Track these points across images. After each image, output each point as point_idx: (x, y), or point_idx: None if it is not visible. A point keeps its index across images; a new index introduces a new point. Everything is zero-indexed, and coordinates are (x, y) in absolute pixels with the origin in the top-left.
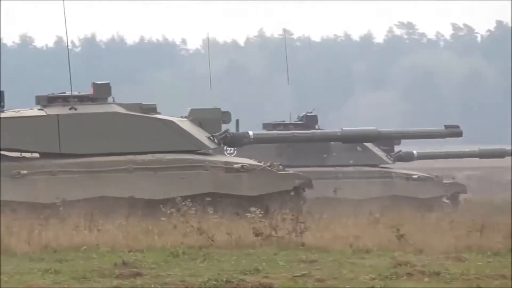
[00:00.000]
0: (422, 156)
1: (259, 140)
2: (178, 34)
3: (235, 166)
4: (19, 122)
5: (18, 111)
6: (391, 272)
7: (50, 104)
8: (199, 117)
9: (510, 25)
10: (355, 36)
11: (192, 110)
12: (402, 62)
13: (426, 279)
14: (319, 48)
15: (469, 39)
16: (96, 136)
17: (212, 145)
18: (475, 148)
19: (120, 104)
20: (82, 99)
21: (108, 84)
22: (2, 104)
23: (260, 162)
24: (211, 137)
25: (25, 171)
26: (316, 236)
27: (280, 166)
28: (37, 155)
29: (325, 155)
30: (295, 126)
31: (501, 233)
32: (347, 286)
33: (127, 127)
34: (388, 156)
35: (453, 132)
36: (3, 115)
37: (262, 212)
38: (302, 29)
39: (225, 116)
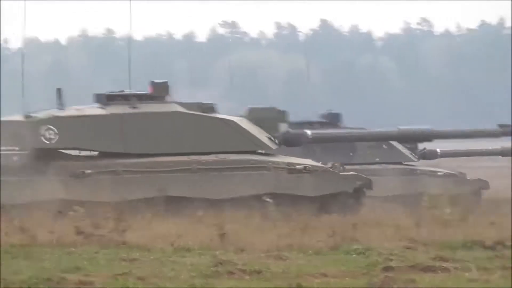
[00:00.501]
0: (445, 154)
1: (317, 139)
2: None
3: (297, 167)
4: (81, 121)
5: (78, 110)
6: (212, 270)
7: (109, 102)
8: (257, 116)
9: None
10: (178, 36)
11: (250, 109)
12: (224, 60)
13: (247, 277)
14: (142, 47)
15: (292, 37)
16: (159, 136)
17: (273, 145)
18: (497, 145)
19: (180, 103)
20: (141, 97)
21: (166, 83)
22: (61, 102)
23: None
24: (271, 137)
25: (89, 171)
26: (137, 235)
27: (341, 167)
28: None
29: (351, 153)
30: (321, 124)
31: (325, 232)
32: (168, 285)
33: (189, 127)
34: (413, 154)
35: (506, 131)
36: (63, 113)
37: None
38: (125, 28)
39: (281, 115)
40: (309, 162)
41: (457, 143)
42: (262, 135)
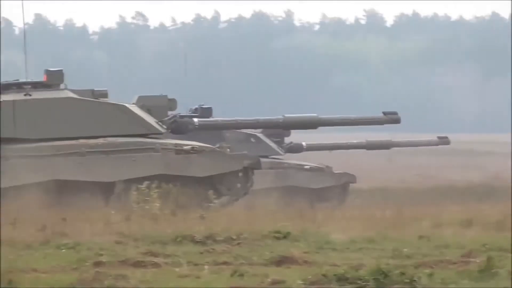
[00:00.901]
0: (311, 148)
1: (204, 127)
2: None
3: (185, 147)
4: None
5: None
6: None
7: (4, 91)
8: (147, 104)
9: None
10: None
11: (140, 97)
12: None
13: None
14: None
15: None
16: (51, 121)
17: (162, 130)
18: (362, 139)
19: (72, 90)
20: (36, 85)
21: (61, 71)
22: None
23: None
24: (159, 123)
25: None
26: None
27: (228, 149)
28: None
29: (224, 143)
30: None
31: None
32: None
33: (81, 112)
34: (280, 148)
35: (392, 118)
36: None
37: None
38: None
39: (171, 103)
40: (196, 143)
41: (324, 137)
42: (151, 120)
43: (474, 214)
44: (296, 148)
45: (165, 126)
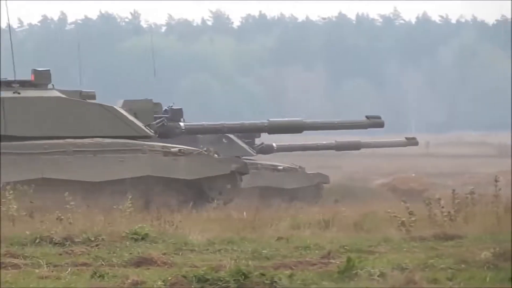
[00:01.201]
0: (281, 149)
1: (190, 131)
2: None
3: (172, 149)
4: None
5: None
6: None
7: None
8: (133, 108)
9: None
10: None
11: (125, 101)
12: None
13: None
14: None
15: None
16: (39, 120)
17: (150, 133)
18: (332, 140)
19: (60, 91)
20: (24, 84)
21: (48, 71)
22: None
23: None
24: (147, 127)
25: None
26: None
27: (214, 152)
28: None
29: (201, 145)
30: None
31: None
32: None
33: (69, 112)
34: (251, 148)
35: (376, 122)
36: None
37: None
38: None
39: (157, 107)
40: (182, 146)
41: (292, 139)
42: (140, 123)
43: (332, 215)
44: (267, 149)
45: (152, 130)
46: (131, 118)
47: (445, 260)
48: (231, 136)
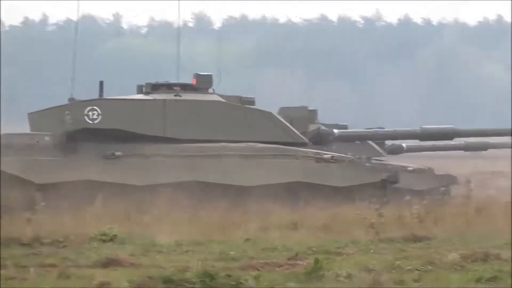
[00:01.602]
0: (411, 149)
1: (343, 138)
2: None
3: (324, 156)
4: (125, 104)
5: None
6: None
7: (154, 91)
8: (288, 115)
9: None
10: None
11: (281, 108)
12: None
13: None
14: None
15: None
16: (200, 123)
17: (306, 140)
18: (461, 141)
19: (220, 95)
20: (185, 87)
21: (210, 75)
22: (102, 94)
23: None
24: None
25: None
26: None
27: (367, 159)
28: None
29: (334, 146)
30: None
31: None
32: None
33: (229, 116)
34: (382, 149)
35: None
36: (108, 97)
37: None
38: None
39: (312, 115)
40: (335, 153)
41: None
42: (295, 129)
43: (301, 217)
44: (396, 150)
45: (308, 137)
46: (288, 124)
47: (412, 262)
48: None
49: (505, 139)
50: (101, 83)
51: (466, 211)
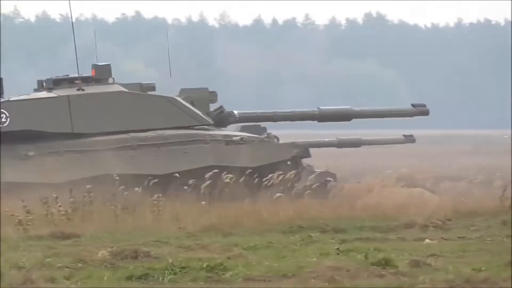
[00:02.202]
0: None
1: (243, 119)
2: None
3: (234, 138)
4: (31, 104)
5: (28, 95)
6: None
7: (56, 86)
8: (190, 96)
9: None
10: None
11: (182, 90)
12: None
13: None
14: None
15: None
16: (104, 116)
17: (210, 122)
18: (333, 138)
19: (121, 84)
20: (86, 80)
21: (109, 65)
22: (2, 91)
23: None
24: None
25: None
26: None
27: (275, 138)
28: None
29: None
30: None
31: None
32: None
33: (134, 106)
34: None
35: (421, 110)
36: (13, 98)
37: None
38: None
39: (212, 96)
40: (243, 134)
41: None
42: (200, 112)
43: None
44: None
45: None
46: (191, 107)
47: (63, 259)
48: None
49: (379, 136)
50: (0, 80)
51: (113, 209)
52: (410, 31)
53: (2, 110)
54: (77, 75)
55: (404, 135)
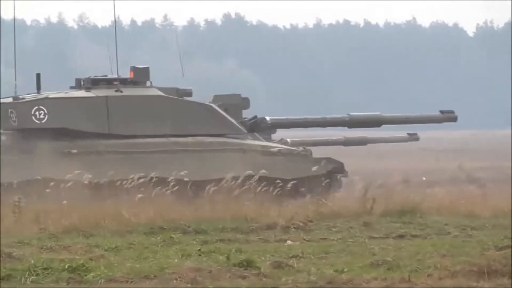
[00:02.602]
0: (294, 144)
1: (275, 125)
2: None
3: (272, 149)
4: (70, 103)
5: (67, 93)
6: None
7: (94, 86)
8: (223, 103)
9: None
10: None
11: (216, 96)
12: None
13: None
14: None
15: None
16: (141, 118)
17: (244, 130)
18: (340, 136)
19: (158, 88)
20: (124, 82)
21: (147, 68)
22: (39, 87)
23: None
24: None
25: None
26: None
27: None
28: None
29: None
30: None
31: None
32: None
33: (171, 110)
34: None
35: (449, 117)
36: (52, 95)
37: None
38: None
39: (245, 102)
40: (280, 145)
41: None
42: (234, 120)
43: None
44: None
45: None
46: (227, 116)
47: None
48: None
49: (384, 134)
50: (38, 75)
51: None
52: (269, 32)
53: (40, 107)
54: (115, 76)
55: (408, 134)
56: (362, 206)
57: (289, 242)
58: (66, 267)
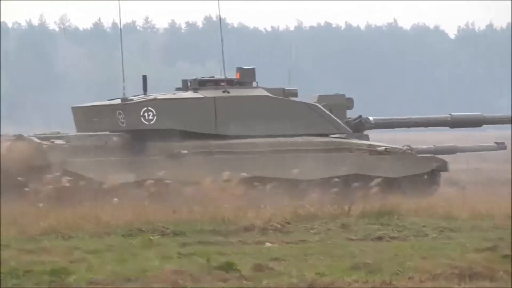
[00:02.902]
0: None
1: (379, 125)
2: None
3: (378, 149)
4: (179, 104)
5: (174, 94)
6: None
7: (202, 87)
8: (328, 103)
9: None
10: None
11: (320, 96)
12: None
13: None
14: None
15: None
16: (249, 118)
17: (349, 130)
18: (430, 145)
19: (264, 88)
20: (231, 83)
21: (253, 69)
22: (146, 88)
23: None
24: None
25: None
26: None
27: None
28: None
29: None
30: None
31: None
32: None
33: (277, 111)
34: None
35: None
36: (160, 96)
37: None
38: None
39: (349, 102)
40: (387, 145)
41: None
42: (339, 120)
43: None
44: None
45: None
46: (332, 116)
47: None
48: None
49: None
50: (145, 77)
51: None
52: (250, 34)
53: (149, 108)
54: (222, 77)
55: (496, 143)
56: (339, 207)
57: (268, 244)
58: (48, 270)
